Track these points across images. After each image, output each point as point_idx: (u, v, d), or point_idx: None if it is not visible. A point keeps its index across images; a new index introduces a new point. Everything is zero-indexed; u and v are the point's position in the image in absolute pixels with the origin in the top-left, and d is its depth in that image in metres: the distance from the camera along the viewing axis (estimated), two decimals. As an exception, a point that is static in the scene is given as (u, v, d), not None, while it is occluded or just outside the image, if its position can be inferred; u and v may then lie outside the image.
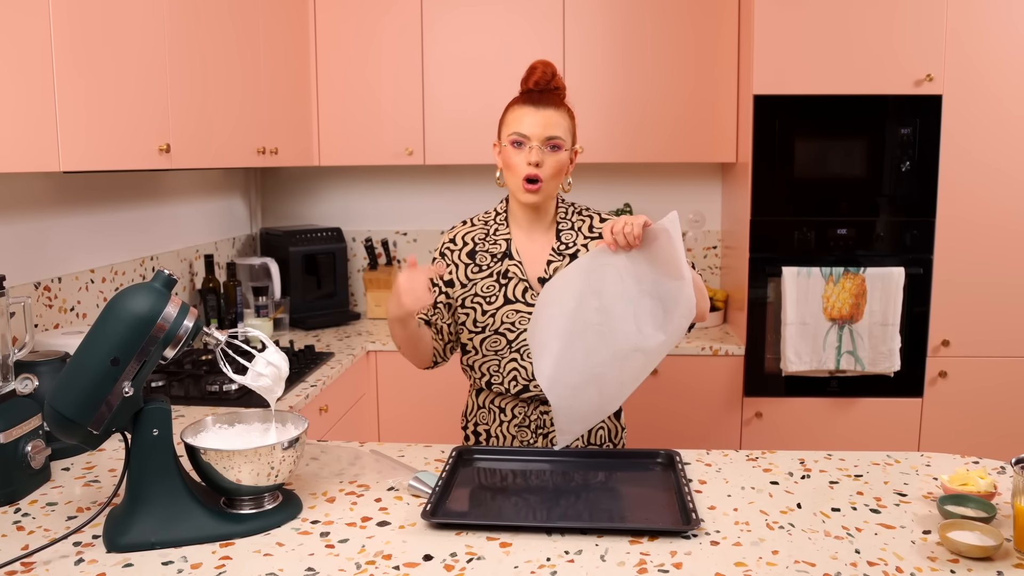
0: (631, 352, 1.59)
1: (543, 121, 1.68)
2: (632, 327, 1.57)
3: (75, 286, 2.39)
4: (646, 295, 1.57)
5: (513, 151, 1.70)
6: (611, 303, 1.57)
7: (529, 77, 1.74)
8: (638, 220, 1.52)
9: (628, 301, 1.57)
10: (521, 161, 1.69)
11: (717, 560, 1.24)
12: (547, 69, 1.74)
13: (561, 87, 1.76)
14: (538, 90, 1.73)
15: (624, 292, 1.56)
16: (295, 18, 3.06)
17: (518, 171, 1.70)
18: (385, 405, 3.08)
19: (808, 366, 2.89)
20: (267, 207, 3.72)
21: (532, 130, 1.68)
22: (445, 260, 1.81)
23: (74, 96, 1.76)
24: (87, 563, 1.24)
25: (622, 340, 1.58)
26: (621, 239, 1.53)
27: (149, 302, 1.29)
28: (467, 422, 1.90)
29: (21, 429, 1.49)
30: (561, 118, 1.71)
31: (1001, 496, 1.46)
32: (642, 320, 1.57)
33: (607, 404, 1.65)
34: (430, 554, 1.26)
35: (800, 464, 1.65)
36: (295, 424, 1.44)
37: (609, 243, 1.54)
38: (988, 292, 2.90)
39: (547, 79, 1.73)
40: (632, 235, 1.51)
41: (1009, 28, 2.77)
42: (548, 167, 1.69)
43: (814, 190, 2.88)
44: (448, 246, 1.82)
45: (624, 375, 1.61)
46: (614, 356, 1.59)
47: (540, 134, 1.68)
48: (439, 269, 1.73)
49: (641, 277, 1.56)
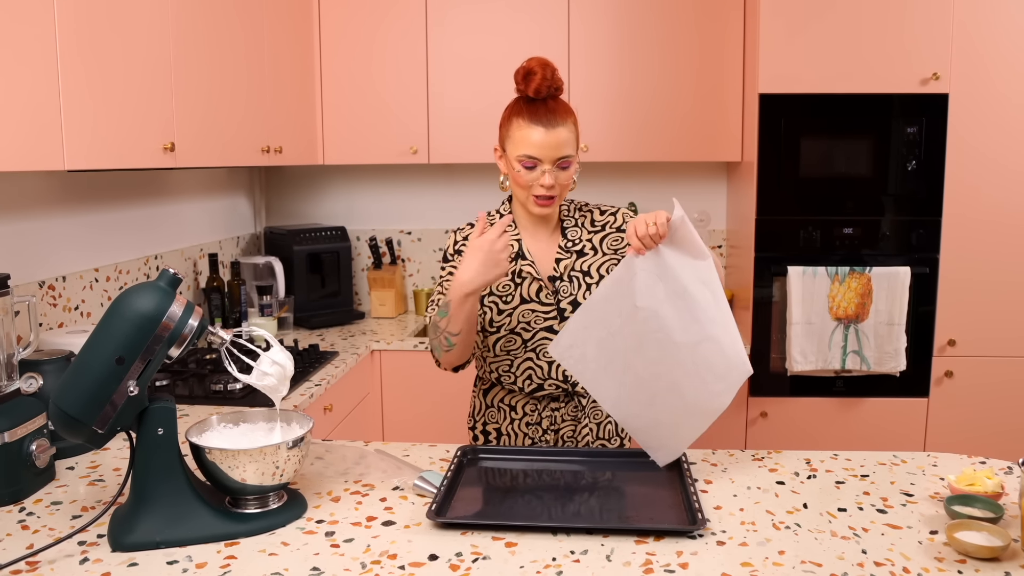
0: (698, 345, 1.51)
1: (554, 143, 1.64)
2: (689, 320, 1.50)
3: (79, 285, 2.39)
4: (690, 283, 1.50)
5: (524, 171, 1.67)
6: (657, 306, 1.50)
7: (528, 82, 1.67)
8: (659, 218, 1.47)
9: (675, 296, 1.50)
10: (533, 182, 1.67)
11: (723, 560, 1.24)
12: (546, 72, 1.66)
13: (561, 87, 1.70)
14: (541, 99, 1.67)
15: (667, 290, 1.50)
16: (299, 17, 3.06)
17: (530, 190, 1.68)
18: (390, 404, 3.08)
19: (814, 366, 2.88)
20: (271, 206, 3.72)
21: (543, 153, 1.64)
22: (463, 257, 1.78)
23: (79, 95, 1.76)
24: (92, 562, 1.24)
25: (683, 337, 1.50)
26: (648, 241, 1.48)
27: (154, 301, 1.29)
28: (475, 422, 1.90)
29: (26, 428, 1.49)
30: (569, 132, 1.67)
31: (1008, 496, 1.45)
32: (696, 309, 1.50)
33: (700, 406, 1.53)
34: (435, 554, 1.26)
35: (806, 464, 1.64)
36: (300, 423, 1.44)
37: (637, 248, 1.49)
38: (994, 291, 2.89)
39: (548, 84, 1.66)
40: (658, 235, 1.47)
41: (1016, 26, 2.76)
42: (560, 184, 1.68)
43: (820, 189, 2.87)
44: (462, 245, 1.80)
45: (700, 371, 1.51)
46: (681, 357, 1.51)
47: (551, 156, 1.65)
48: (507, 221, 1.59)
49: (678, 269, 1.50)
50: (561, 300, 1.74)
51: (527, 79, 1.67)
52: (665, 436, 1.56)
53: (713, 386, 1.53)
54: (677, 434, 1.56)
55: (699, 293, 1.51)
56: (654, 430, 1.57)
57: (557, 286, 1.75)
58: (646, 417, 1.56)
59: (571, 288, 1.75)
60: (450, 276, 1.78)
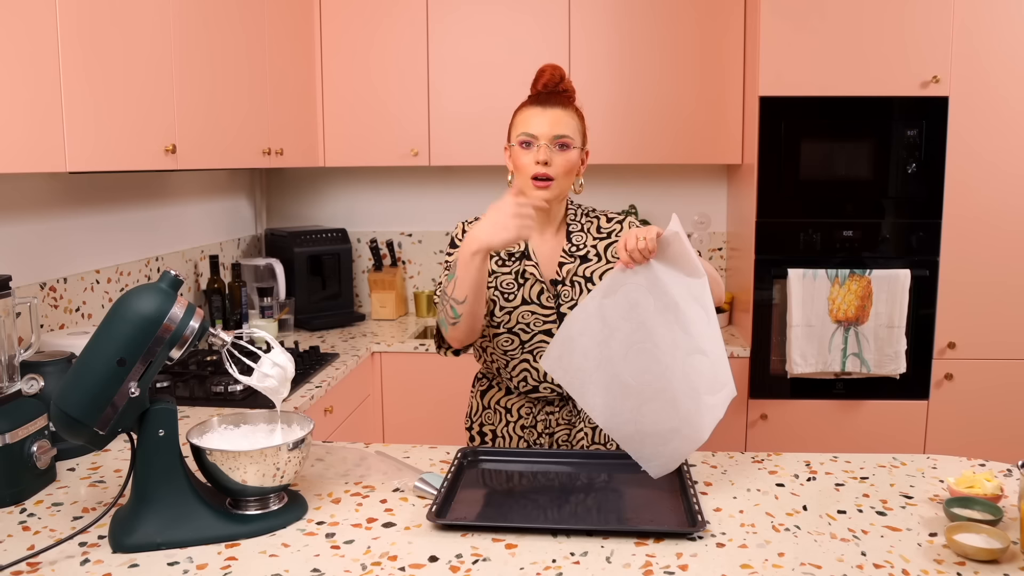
0: (688, 357, 1.50)
1: (550, 120, 1.67)
2: (679, 333, 1.50)
3: (81, 286, 2.39)
4: (681, 299, 1.50)
5: (522, 152, 1.69)
6: (646, 318, 1.50)
7: (538, 80, 1.74)
8: (649, 233, 1.49)
9: (665, 310, 1.50)
10: (530, 161, 1.68)
11: (723, 562, 1.24)
12: (555, 72, 1.74)
13: (570, 90, 1.75)
14: (546, 92, 1.73)
15: (657, 304, 1.50)
16: (300, 19, 3.07)
17: (527, 171, 1.68)
18: (390, 406, 3.08)
19: (814, 368, 2.88)
20: (272, 208, 3.72)
21: (540, 129, 1.67)
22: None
23: (80, 97, 1.76)
24: (93, 563, 1.24)
25: (673, 349, 1.50)
26: (637, 256, 1.49)
27: (155, 303, 1.29)
28: (472, 423, 1.90)
29: (27, 429, 1.49)
30: (569, 117, 1.70)
31: (1008, 499, 1.45)
32: (687, 322, 1.50)
33: (693, 418, 1.50)
34: (436, 555, 1.26)
35: (806, 466, 1.64)
36: (301, 425, 1.44)
37: (626, 262, 1.50)
38: (994, 294, 2.89)
39: (555, 82, 1.73)
40: (647, 250, 1.48)
41: (1016, 29, 2.76)
42: (557, 165, 1.67)
43: (820, 192, 2.88)
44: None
45: (692, 382, 1.50)
46: (671, 368, 1.50)
47: (548, 132, 1.67)
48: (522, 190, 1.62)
49: (668, 284, 1.50)
50: (562, 304, 1.74)
51: (538, 78, 1.74)
52: (657, 447, 1.53)
53: (705, 398, 1.51)
54: (669, 446, 1.52)
55: (690, 309, 1.51)
56: (645, 440, 1.54)
57: (558, 290, 1.75)
58: (635, 426, 1.53)
59: (572, 293, 1.74)
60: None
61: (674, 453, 1.53)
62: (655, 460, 1.54)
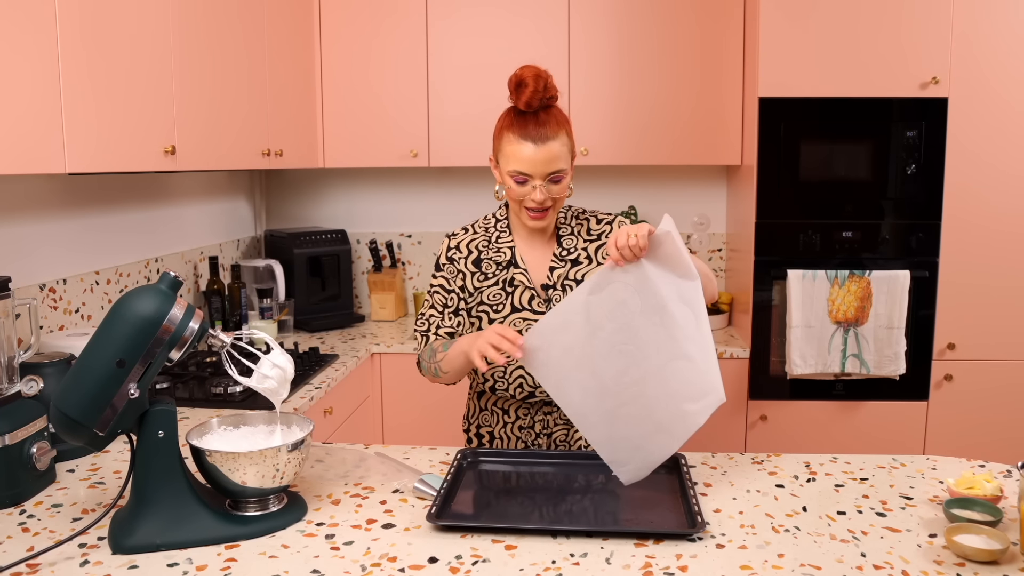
0: (670, 362, 1.47)
1: (544, 158, 1.62)
2: (664, 336, 1.47)
3: (80, 288, 2.39)
4: (670, 301, 1.47)
5: (516, 185, 1.66)
6: (631, 318, 1.48)
7: (519, 94, 1.64)
8: (640, 230, 1.46)
9: (651, 312, 1.47)
10: (525, 196, 1.66)
11: (722, 563, 1.24)
12: (538, 84, 1.62)
13: (554, 95, 1.67)
14: (532, 112, 1.64)
15: (644, 304, 1.47)
16: (300, 20, 3.07)
17: (523, 203, 1.68)
18: (389, 407, 3.08)
19: (813, 369, 2.88)
20: (272, 209, 3.72)
21: (534, 168, 1.63)
22: (455, 266, 1.78)
23: (80, 98, 1.76)
24: (92, 565, 1.24)
25: (655, 353, 1.47)
26: (627, 253, 1.46)
27: (155, 304, 1.29)
28: (469, 424, 1.90)
29: (26, 431, 1.49)
30: (561, 146, 1.64)
31: (1007, 500, 1.45)
32: (673, 327, 1.47)
33: (669, 425, 1.48)
34: (435, 556, 1.26)
35: (805, 467, 1.64)
36: (300, 426, 1.44)
37: (616, 260, 1.47)
38: (994, 295, 2.89)
39: (539, 96, 1.63)
40: (638, 247, 1.46)
41: (1015, 30, 2.77)
42: (552, 197, 1.67)
43: (819, 193, 2.88)
44: (454, 252, 1.79)
45: (671, 388, 1.48)
46: (651, 372, 1.47)
47: (542, 171, 1.63)
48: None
49: (658, 285, 1.47)
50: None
51: (519, 90, 1.64)
52: (629, 452, 1.50)
53: (684, 406, 1.48)
54: (642, 451, 1.49)
55: (678, 311, 1.47)
56: (617, 444, 1.51)
57: (549, 295, 1.74)
58: (608, 429, 1.50)
59: (563, 297, 1.73)
60: (440, 288, 1.78)
61: (646, 459, 1.50)
62: (627, 465, 1.51)
